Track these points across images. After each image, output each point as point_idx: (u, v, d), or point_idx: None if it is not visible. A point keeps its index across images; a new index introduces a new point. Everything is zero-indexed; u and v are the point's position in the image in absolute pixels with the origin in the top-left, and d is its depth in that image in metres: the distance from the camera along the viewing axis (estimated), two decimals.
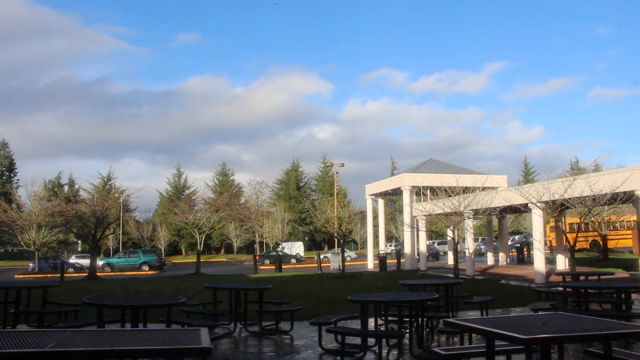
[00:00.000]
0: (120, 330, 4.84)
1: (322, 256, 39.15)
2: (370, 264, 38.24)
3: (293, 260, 48.34)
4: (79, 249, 65.62)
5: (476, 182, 29.32)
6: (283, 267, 35.65)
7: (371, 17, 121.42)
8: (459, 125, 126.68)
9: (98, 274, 32.47)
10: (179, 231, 64.05)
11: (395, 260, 34.46)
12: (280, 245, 55.97)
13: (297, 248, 53.70)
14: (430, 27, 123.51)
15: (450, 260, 34.46)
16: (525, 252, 35.87)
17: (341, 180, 65.56)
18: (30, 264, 41.87)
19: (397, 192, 37.44)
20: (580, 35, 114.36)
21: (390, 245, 56.67)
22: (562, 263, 27.92)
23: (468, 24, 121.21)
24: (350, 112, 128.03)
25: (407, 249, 33.88)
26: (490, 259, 34.88)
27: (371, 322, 10.36)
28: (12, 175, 71.69)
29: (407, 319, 8.83)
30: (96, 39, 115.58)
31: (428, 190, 34.95)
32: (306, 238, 69.32)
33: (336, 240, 41.68)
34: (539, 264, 22.92)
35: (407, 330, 8.76)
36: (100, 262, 41.29)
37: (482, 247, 47.36)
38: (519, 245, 38.82)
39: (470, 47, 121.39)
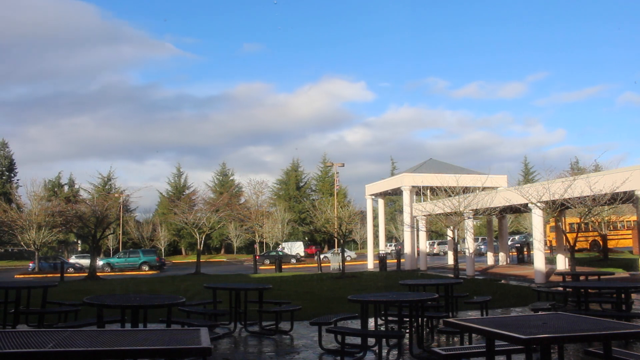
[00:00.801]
0: (120, 330, 4.84)
1: (322, 256, 39.17)
2: (370, 264, 38.24)
3: (293, 260, 48.36)
4: (79, 249, 65.63)
5: (476, 182, 29.33)
6: (283, 267, 35.66)
7: (421, 31, 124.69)
8: (487, 129, 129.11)
9: (98, 274, 32.46)
10: (179, 231, 64.07)
11: (395, 260, 34.47)
12: (280, 245, 55.99)
13: (297, 248, 53.72)
14: (478, 41, 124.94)
15: (450, 260, 34.46)
16: (525, 252, 35.87)
17: (361, 180, 65.77)
18: (30, 264, 41.86)
19: (397, 192, 37.44)
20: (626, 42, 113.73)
21: (390, 245, 56.71)
22: (562, 263, 27.91)
23: (514, 34, 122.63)
24: (386, 116, 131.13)
25: (407, 249, 33.88)
26: (490, 259, 34.88)
27: (371, 322, 10.36)
28: (12, 175, 71.73)
29: (407, 319, 8.83)
30: (160, 48, 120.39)
31: (428, 190, 34.95)
32: (306, 238, 69.32)
33: (336, 240, 41.68)
34: (539, 264, 22.92)
35: (407, 330, 8.76)
36: (100, 262, 41.30)
37: (482, 247, 47.37)
38: (519, 245, 38.80)
39: (514, 57, 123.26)
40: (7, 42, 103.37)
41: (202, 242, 37.82)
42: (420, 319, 8.22)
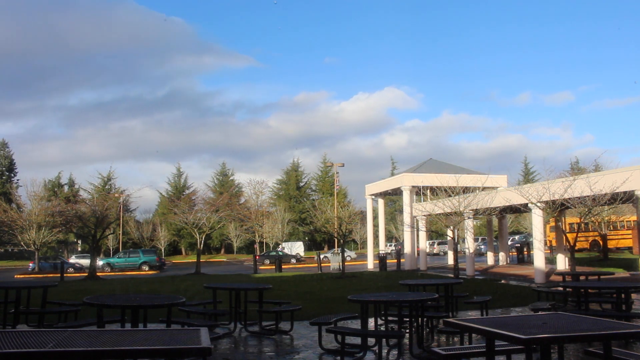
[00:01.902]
0: (120, 330, 4.84)
1: (322, 256, 39.15)
2: (370, 264, 38.24)
3: (293, 260, 48.35)
4: (79, 249, 65.63)
5: (476, 182, 29.33)
6: (283, 267, 35.66)
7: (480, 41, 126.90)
8: (522, 133, 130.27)
9: (98, 274, 32.46)
10: (179, 231, 64.08)
11: (395, 260, 34.46)
12: (280, 246, 55.98)
13: (297, 248, 53.70)
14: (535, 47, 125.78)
15: (450, 260, 34.46)
16: (525, 252, 35.88)
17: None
18: (30, 264, 41.85)
19: (397, 192, 37.43)
20: None
21: (390, 245, 56.70)
22: (562, 263, 27.91)
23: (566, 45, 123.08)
24: (429, 122, 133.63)
25: (407, 249, 33.88)
26: (490, 259, 34.88)
27: (371, 322, 10.36)
28: (12, 175, 71.74)
29: (407, 319, 8.83)
30: (234, 59, 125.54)
31: (428, 190, 34.95)
32: (306, 238, 69.34)
33: (336, 240, 41.68)
34: (539, 263, 22.92)
35: (407, 330, 8.76)
36: (100, 262, 41.29)
37: (482, 247, 47.37)
38: (519, 245, 38.81)
39: (562, 68, 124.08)
40: (84, 50, 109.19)
41: (202, 242, 37.81)
42: (420, 319, 8.22)
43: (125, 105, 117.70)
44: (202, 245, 37.96)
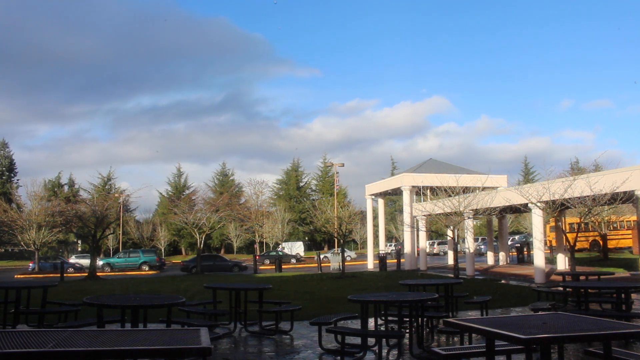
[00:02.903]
0: (120, 330, 4.84)
1: (322, 256, 39.14)
2: (370, 264, 38.24)
3: (293, 260, 48.34)
4: (79, 249, 65.61)
5: (476, 182, 29.33)
6: (283, 267, 35.65)
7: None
8: (549, 136, 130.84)
9: (98, 274, 32.47)
10: (179, 231, 64.08)
11: (395, 260, 34.47)
12: (280, 245, 55.97)
13: (297, 248, 53.69)
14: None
15: (450, 260, 34.46)
16: (525, 252, 35.87)
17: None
18: (30, 264, 41.86)
19: (397, 192, 37.43)
20: None
21: (390, 245, 56.68)
22: (562, 263, 27.90)
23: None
24: (464, 127, 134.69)
25: (407, 249, 33.88)
26: (490, 259, 34.88)
27: (371, 322, 10.36)
28: (12, 175, 71.74)
29: (407, 319, 8.83)
30: (299, 68, 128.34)
31: (428, 190, 34.95)
32: (306, 238, 69.33)
33: (336, 240, 41.68)
34: (539, 263, 22.92)
35: (407, 330, 8.76)
36: (100, 262, 41.28)
37: (482, 247, 47.37)
38: (519, 245, 38.81)
39: (602, 75, 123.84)
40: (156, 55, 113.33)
41: (202, 242, 37.82)
42: (420, 319, 8.22)
43: (176, 110, 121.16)
44: (202, 245, 37.97)
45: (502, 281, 22.64)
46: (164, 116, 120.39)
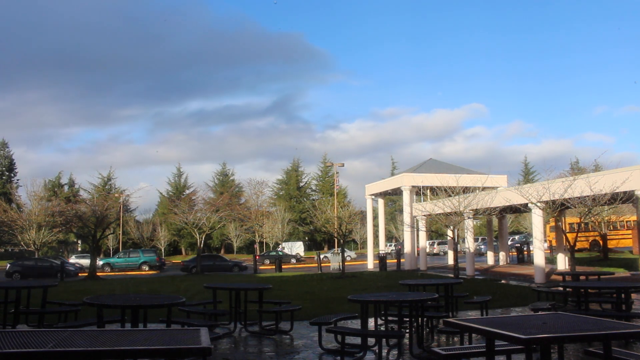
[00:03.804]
0: (120, 330, 4.84)
1: (322, 256, 39.14)
2: (370, 264, 38.24)
3: (293, 260, 48.35)
4: (79, 249, 65.62)
5: (476, 182, 29.32)
6: (283, 267, 35.65)
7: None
8: (572, 138, 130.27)
9: (98, 274, 32.48)
10: (179, 231, 64.11)
11: (395, 260, 34.46)
12: (280, 245, 55.98)
13: (297, 248, 53.70)
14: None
15: (450, 260, 34.46)
16: (525, 252, 35.86)
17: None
18: None
19: (397, 192, 37.43)
20: None
21: (390, 245, 56.69)
22: (562, 263, 27.90)
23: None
24: (490, 130, 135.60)
25: (407, 249, 33.88)
26: (490, 259, 34.87)
27: (371, 322, 10.36)
28: (12, 175, 71.74)
29: (407, 319, 8.83)
30: (352, 76, 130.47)
31: (428, 190, 34.95)
32: (306, 238, 69.34)
33: (336, 240, 41.68)
34: (539, 263, 22.92)
35: (407, 330, 8.76)
36: (100, 262, 41.29)
37: (482, 247, 47.37)
38: (519, 245, 38.81)
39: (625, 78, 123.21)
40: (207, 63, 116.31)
41: (202, 242, 37.82)
42: (420, 319, 8.22)
43: (219, 114, 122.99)
44: (202, 245, 37.98)
45: (502, 281, 22.64)
46: (206, 120, 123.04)
